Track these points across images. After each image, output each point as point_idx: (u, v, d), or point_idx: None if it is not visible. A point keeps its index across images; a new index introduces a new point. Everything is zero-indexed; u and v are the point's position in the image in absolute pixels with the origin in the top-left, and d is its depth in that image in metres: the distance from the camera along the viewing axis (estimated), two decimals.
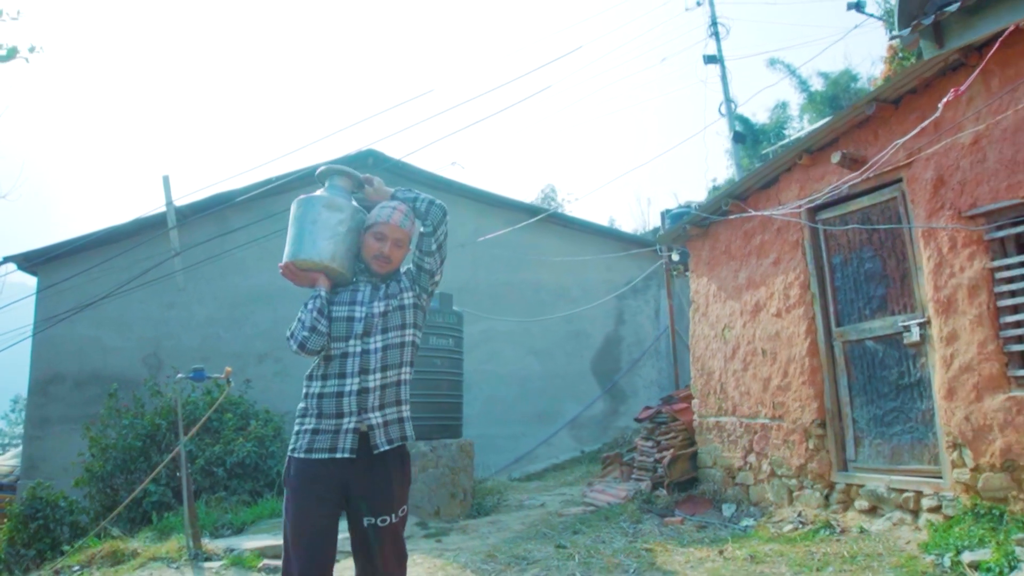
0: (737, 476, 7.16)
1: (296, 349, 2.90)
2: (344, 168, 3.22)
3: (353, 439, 2.87)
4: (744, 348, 7.17)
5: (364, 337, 2.96)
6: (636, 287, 14.94)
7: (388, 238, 3.07)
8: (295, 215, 3.06)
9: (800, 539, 5.64)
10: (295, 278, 3.06)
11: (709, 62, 14.69)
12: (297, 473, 2.87)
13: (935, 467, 5.27)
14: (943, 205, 5.21)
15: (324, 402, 2.90)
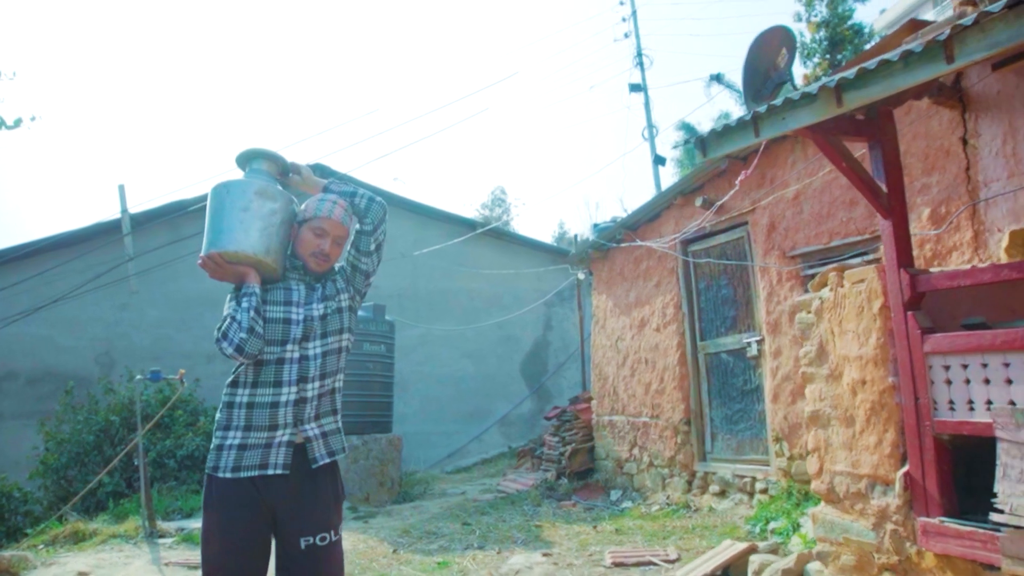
0: (624, 466, 8.38)
1: (232, 352, 2.55)
2: (270, 151, 2.86)
3: (287, 453, 2.59)
4: (632, 357, 8.39)
5: (303, 342, 2.67)
6: (563, 295, 16.15)
7: (329, 235, 2.76)
8: (220, 201, 2.70)
9: (662, 517, 6.86)
10: (219, 271, 2.71)
11: (634, 90, 16.00)
12: (222, 496, 2.54)
13: (765, 457, 6.53)
14: (774, 246, 6.47)
15: (255, 413, 2.58)
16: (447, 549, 6.15)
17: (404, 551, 6.17)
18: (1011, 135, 4.64)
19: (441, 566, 5.51)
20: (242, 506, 2.52)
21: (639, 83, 15.94)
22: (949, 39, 2.70)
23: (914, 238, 5.17)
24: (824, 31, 19.71)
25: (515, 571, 5.23)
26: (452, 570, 5.39)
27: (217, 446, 2.60)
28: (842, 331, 3.86)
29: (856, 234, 5.79)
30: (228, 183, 2.75)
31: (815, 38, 19.72)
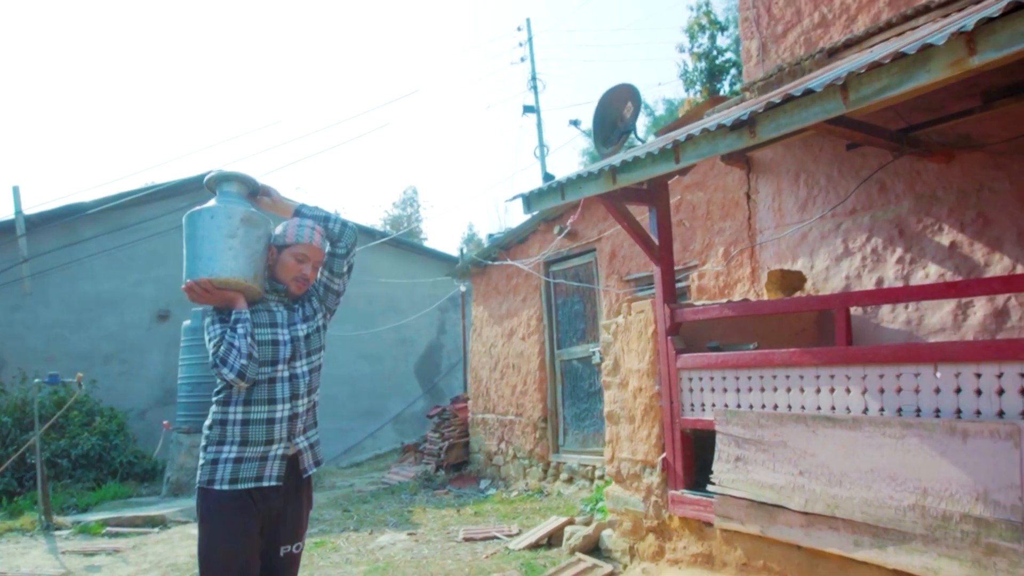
0: (493, 459, 9.43)
1: (233, 378, 2.66)
2: (243, 174, 2.94)
3: (281, 466, 2.75)
4: (502, 362, 9.45)
5: (291, 362, 2.81)
6: (456, 301, 17.13)
7: (310, 260, 2.91)
8: (205, 226, 2.77)
9: (518, 501, 7.93)
10: (206, 296, 2.79)
11: (528, 111, 17.15)
12: (221, 507, 2.67)
13: (602, 449, 7.68)
14: (614, 271, 7.63)
15: (251, 429, 2.72)
16: (326, 532, 7.03)
17: None
18: (778, 194, 5.91)
19: (318, 545, 6.39)
20: (239, 513, 2.65)
21: (532, 105, 17.11)
22: (676, 146, 3.81)
23: (711, 272, 6.42)
24: (704, 62, 21.19)
25: (380, 547, 6.17)
26: (327, 548, 6.28)
27: (211, 460, 2.70)
28: (629, 349, 4.98)
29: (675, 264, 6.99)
30: (212, 209, 2.80)
31: (696, 67, 21.24)
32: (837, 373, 3.64)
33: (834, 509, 3.52)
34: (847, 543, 3.46)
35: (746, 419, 4.00)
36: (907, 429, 3.28)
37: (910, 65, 2.72)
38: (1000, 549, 2.91)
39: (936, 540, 3.12)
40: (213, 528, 2.67)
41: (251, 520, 2.68)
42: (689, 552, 4.39)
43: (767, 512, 3.83)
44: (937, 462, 3.15)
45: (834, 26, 5.59)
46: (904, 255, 5.02)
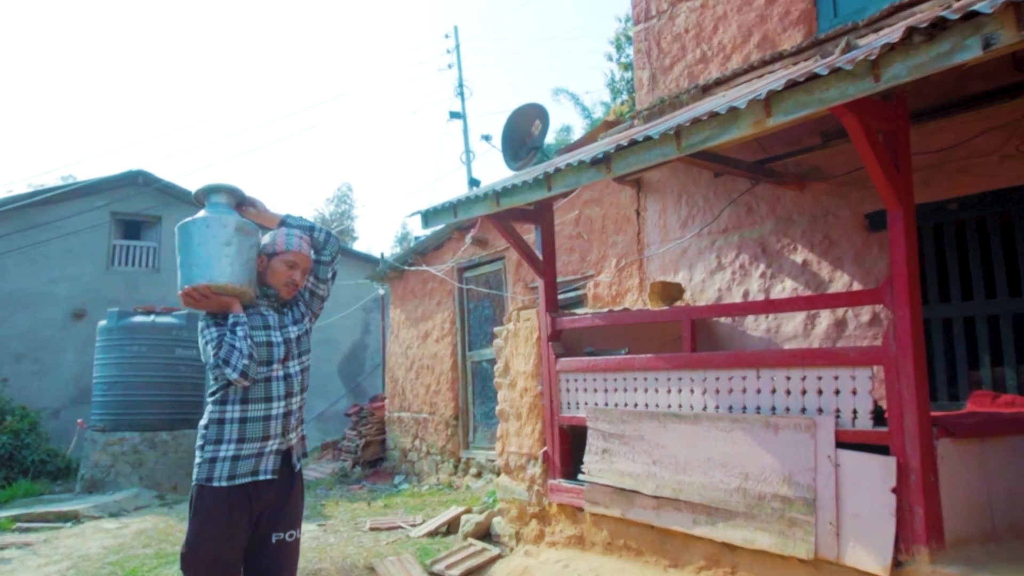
0: (408, 455, 9.84)
1: (236, 377, 2.80)
2: (231, 186, 3.10)
3: (276, 460, 2.92)
4: (418, 363, 9.87)
5: (285, 362, 2.99)
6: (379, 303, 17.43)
7: (299, 267, 3.09)
8: (201, 235, 2.91)
9: (428, 495, 8.36)
10: (204, 302, 2.92)
11: (454, 117, 17.59)
12: (216, 503, 2.80)
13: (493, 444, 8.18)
14: (520, 279, 8.14)
15: (248, 426, 2.88)
16: None
17: None
18: (663, 212, 6.50)
19: None
20: (233, 509, 2.80)
21: (459, 111, 17.55)
22: (548, 176, 4.31)
23: (605, 281, 6.98)
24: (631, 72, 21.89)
25: None
26: None
27: (210, 459, 2.84)
28: (517, 353, 5.48)
29: (572, 273, 7.54)
30: (207, 218, 2.94)
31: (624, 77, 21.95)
32: (684, 376, 4.20)
33: (679, 493, 4.07)
34: (688, 521, 4.02)
35: (612, 416, 4.54)
36: (734, 424, 3.85)
37: (724, 122, 3.28)
38: (798, 521, 3.50)
39: (753, 516, 3.70)
40: (205, 525, 2.80)
41: (242, 517, 2.82)
42: (564, 535, 4.91)
43: (627, 497, 4.37)
44: (756, 451, 3.73)
45: (713, 62, 6.20)
46: (766, 270, 5.66)
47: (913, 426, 3.17)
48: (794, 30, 5.56)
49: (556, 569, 4.63)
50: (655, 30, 6.71)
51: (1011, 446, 3.58)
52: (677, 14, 6.51)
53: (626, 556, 4.46)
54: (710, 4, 6.22)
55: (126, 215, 14.94)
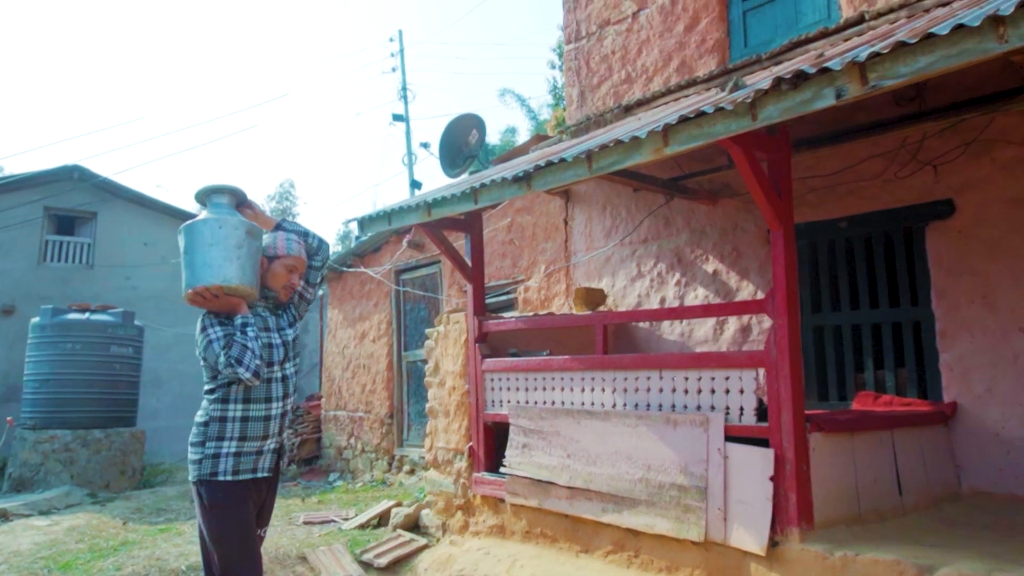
0: (343, 453, 10.05)
1: (248, 377, 2.86)
2: (234, 187, 3.15)
3: (272, 458, 3.05)
4: (354, 363, 10.08)
5: (283, 363, 3.07)
6: (317, 302, 17.50)
7: (297, 270, 3.18)
8: (214, 235, 2.94)
9: (362, 491, 8.60)
10: (214, 302, 2.96)
11: (397, 120, 17.80)
12: (228, 495, 2.90)
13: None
14: (455, 282, 8.44)
15: (250, 425, 2.95)
16: (173, 520, 7.46)
17: (134, 524, 7.38)
18: (589, 222, 6.89)
19: (162, 531, 6.83)
20: (244, 500, 2.94)
21: (402, 114, 17.77)
22: (474, 191, 4.62)
23: (535, 286, 7.33)
24: None
25: None
26: (171, 533, 6.73)
27: (212, 455, 2.91)
28: (447, 354, 5.79)
29: (506, 277, 7.88)
30: (219, 219, 2.98)
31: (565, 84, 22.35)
32: (596, 376, 4.57)
33: (590, 483, 4.43)
34: (597, 510, 4.38)
35: (532, 413, 4.89)
36: (640, 420, 4.23)
37: (628, 148, 3.66)
38: (692, 508, 3.89)
39: (654, 504, 4.08)
40: (226, 514, 2.90)
41: (251, 507, 2.97)
42: (487, 524, 5.24)
43: (544, 488, 4.71)
44: (658, 445, 4.12)
45: (636, 83, 6.62)
46: (681, 279, 6.08)
47: (789, 422, 3.59)
48: (709, 57, 6.00)
49: (477, 556, 4.95)
50: (584, 50, 7.10)
51: (878, 440, 4.05)
52: (605, 36, 6.91)
53: (542, 543, 4.81)
54: (635, 29, 6.63)
55: (60, 210, 14.71)
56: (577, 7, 7.24)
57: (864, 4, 5.02)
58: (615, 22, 6.83)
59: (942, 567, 3.04)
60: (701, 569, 3.87)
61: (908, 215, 4.77)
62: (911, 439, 4.22)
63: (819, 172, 5.13)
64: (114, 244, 15.04)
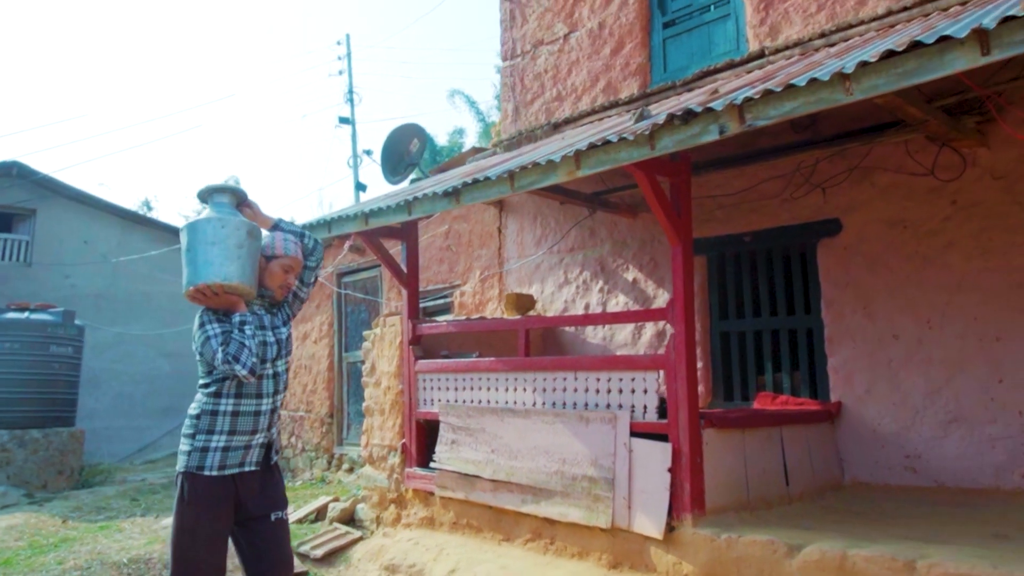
0: (283, 452, 10.24)
1: (245, 374, 2.94)
2: (236, 187, 3.24)
3: (260, 452, 3.11)
4: (296, 363, 10.29)
5: (275, 361, 3.16)
6: None
7: (293, 271, 3.27)
8: (216, 234, 3.02)
9: (301, 488, 8.82)
10: (214, 299, 3.05)
11: (343, 122, 17.96)
12: (206, 491, 2.95)
13: None
14: (394, 285, 8.72)
15: (240, 420, 3.03)
16: (113, 518, 7.59)
17: (73, 521, 7.50)
18: (521, 231, 7.27)
19: (103, 528, 6.98)
20: (225, 499, 2.98)
21: (348, 117, 17.95)
22: (408, 204, 4.96)
23: (470, 291, 7.68)
24: None
25: (164, 527, 6.88)
26: (112, 530, 6.89)
27: (201, 448, 2.98)
28: (383, 355, 6.11)
29: (443, 282, 8.22)
30: (221, 219, 3.05)
31: None
32: (519, 377, 4.94)
33: (511, 476, 4.79)
34: (518, 501, 4.75)
35: (460, 411, 5.23)
36: (556, 417, 4.62)
37: (545, 170, 4.04)
38: (601, 497, 4.28)
39: (568, 494, 4.47)
40: (199, 510, 2.95)
41: (229, 504, 3.00)
42: (418, 516, 5.57)
43: (470, 481, 5.06)
44: (572, 440, 4.50)
45: (566, 101, 7.02)
46: (604, 286, 6.50)
47: (685, 419, 4.01)
48: (632, 80, 6.44)
49: (408, 546, 5.27)
50: (519, 68, 7.48)
51: (767, 436, 4.51)
52: (539, 55, 7.30)
53: (468, 533, 5.16)
54: (566, 50, 7.04)
55: None
56: (514, 26, 7.62)
57: (768, 39, 5.51)
58: (548, 42, 7.23)
59: (808, 545, 3.48)
60: (608, 553, 4.26)
61: (803, 232, 5.26)
62: (798, 435, 4.70)
63: (727, 191, 5.60)
64: (53, 242, 14.89)
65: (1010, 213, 4.33)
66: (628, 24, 6.51)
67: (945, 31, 2.71)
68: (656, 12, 6.42)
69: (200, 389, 3.11)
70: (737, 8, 5.84)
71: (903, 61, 2.78)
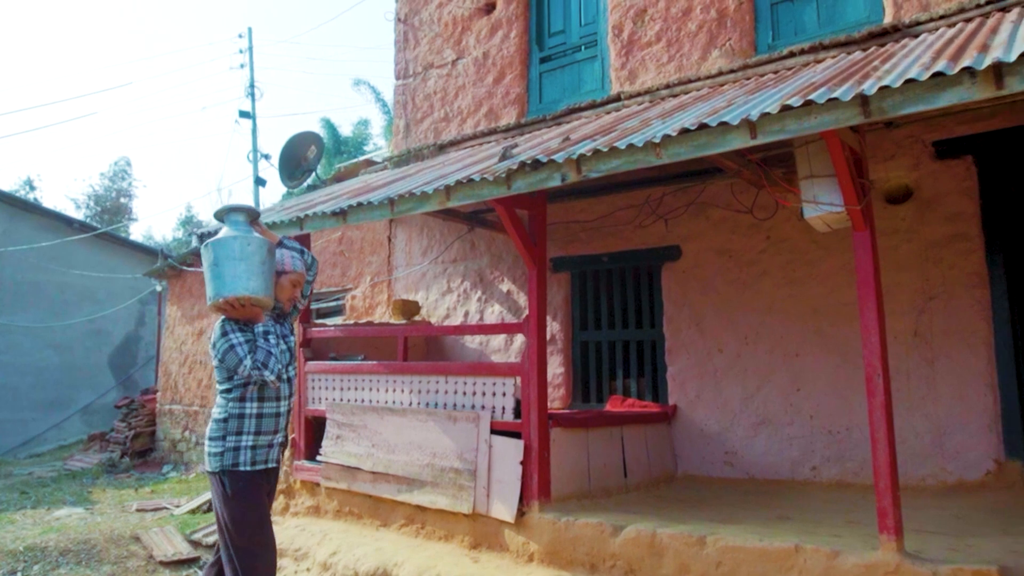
0: (178, 446, 10.47)
1: (273, 379, 3.26)
2: (253, 208, 3.64)
3: (278, 451, 3.44)
4: (191, 358, 10.52)
5: (288, 367, 3.44)
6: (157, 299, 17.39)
7: (299, 285, 3.60)
8: (244, 251, 3.28)
9: (195, 480, 9.12)
10: (240, 311, 3.31)
11: (243, 116, 17.95)
12: (248, 484, 3.26)
13: None
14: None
15: (264, 421, 3.35)
16: (2, 510, 7.72)
17: None
18: (409, 240, 7.82)
19: None
20: (260, 489, 3.33)
21: (249, 111, 17.94)
22: (299, 220, 5.43)
23: (361, 295, 8.17)
24: None
25: (56, 518, 7.12)
26: (3, 521, 7.07)
27: (233, 448, 3.28)
28: None
29: (336, 285, 8.68)
30: (247, 238, 3.34)
31: None
32: (397, 379, 5.52)
33: (389, 468, 5.36)
34: (394, 491, 5.32)
35: (345, 409, 5.76)
36: (429, 416, 5.22)
37: (420, 199, 4.62)
38: (464, 487, 4.91)
39: (437, 484, 5.07)
40: (247, 499, 3.25)
41: (264, 494, 3.37)
42: (305, 506, 6.07)
43: (352, 473, 5.60)
44: (441, 436, 5.11)
45: (453, 123, 7.60)
46: (482, 296, 7.14)
47: (535, 419, 4.67)
48: (512, 108, 7.08)
49: (295, 532, 5.77)
50: (411, 87, 8.02)
51: (608, 434, 5.24)
52: (429, 77, 7.85)
53: (350, 520, 5.70)
54: (454, 75, 7.62)
55: None
56: (407, 48, 8.14)
57: (627, 82, 6.25)
58: (438, 66, 7.79)
59: (628, 526, 4.20)
60: (470, 535, 4.90)
61: (650, 255, 6.04)
62: (638, 433, 5.46)
63: (590, 216, 6.32)
64: None
65: (809, 249, 5.20)
66: (509, 56, 7.15)
67: (724, 117, 3.45)
68: (534, 47, 7.08)
69: (222, 395, 3.38)
70: (603, 51, 6.56)
71: (696, 137, 3.51)
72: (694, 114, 4.08)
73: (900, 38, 4.86)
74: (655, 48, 6.14)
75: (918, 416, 4.76)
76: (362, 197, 5.23)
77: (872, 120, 3.07)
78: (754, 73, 5.37)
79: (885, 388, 3.39)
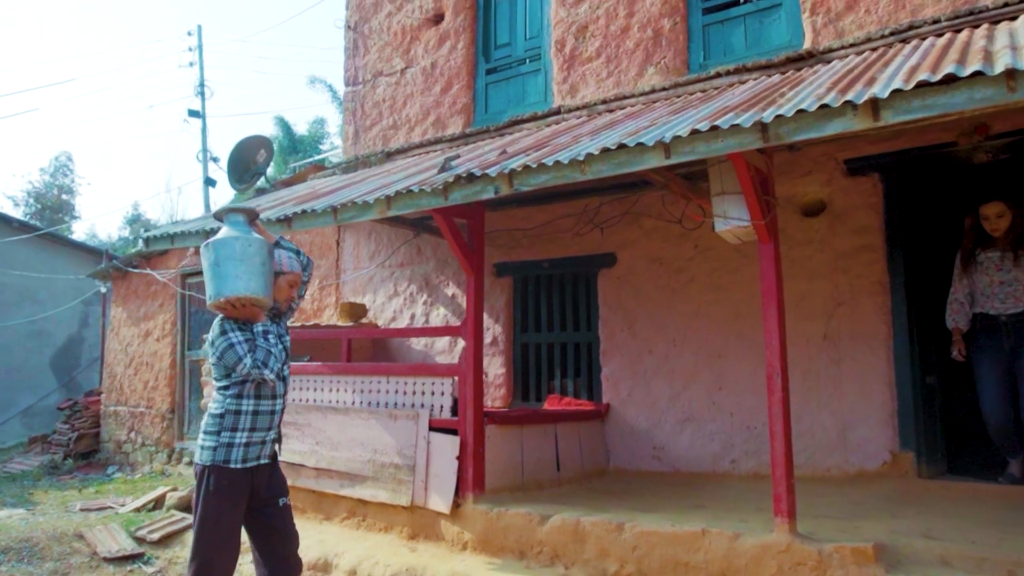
0: (123, 447, 10.45)
1: (272, 377, 3.36)
2: (253, 209, 3.68)
3: (270, 447, 3.51)
4: (137, 360, 10.51)
5: (283, 366, 3.52)
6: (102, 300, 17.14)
7: (296, 285, 3.69)
8: (245, 252, 3.34)
9: (140, 481, 9.14)
10: (241, 310, 3.38)
11: (193, 116, 17.86)
12: (232, 482, 3.31)
13: None
14: None
15: (259, 418, 3.42)
16: None
17: None
18: (357, 245, 8.01)
19: None
20: (243, 489, 3.35)
21: (198, 110, 17.87)
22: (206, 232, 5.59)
23: (308, 297, 8.32)
24: None
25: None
26: None
27: (226, 444, 3.35)
28: None
29: None
30: (248, 239, 3.41)
31: None
32: (341, 379, 5.72)
33: (332, 464, 5.56)
34: (337, 486, 5.52)
35: (290, 408, 5.92)
36: (371, 414, 5.43)
37: (362, 208, 4.84)
38: (404, 481, 5.14)
39: (378, 479, 5.29)
40: (223, 501, 3.30)
41: (247, 495, 3.37)
42: None
43: (296, 469, 5.77)
44: (383, 434, 5.33)
45: (401, 130, 7.82)
46: (428, 299, 7.36)
47: (471, 417, 4.92)
48: (458, 117, 7.33)
49: None
50: (360, 94, 8.22)
51: (542, 431, 5.52)
52: (378, 85, 8.06)
53: (295, 514, 5.86)
54: (403, 83, 7.85)
55: None
56: (356, 55, 8.33)
57: (568, 96, 6.55)
58: (387, 74, 8.00)
59: (556, 515, 4.47)
60: (409, 527, 5.12)
61: (588, 262, 6.34)
62: (571, 430, 5.75)
63: (531, 223, 6.60)
64: None
65: (733, 258, 5.55)
66: (456, 67, 7.40)
67: (642, 138, 3.76)
68: (481, 59, 7.35)
69: (219, 391, 3.46)
70: (547, 65, 6.86)
71: (616, 155, 3.81)
72: (620, 133, 4.38)
73: (814, 63, 5.25)
74: (595, 64, 6.46)
75: (826, 412, 5.15)
76: (307, 204, 5.42)
77: (771, 145, 3.41)
78: (684, 92, 5.72)
79: (783, 386, 3.73)
